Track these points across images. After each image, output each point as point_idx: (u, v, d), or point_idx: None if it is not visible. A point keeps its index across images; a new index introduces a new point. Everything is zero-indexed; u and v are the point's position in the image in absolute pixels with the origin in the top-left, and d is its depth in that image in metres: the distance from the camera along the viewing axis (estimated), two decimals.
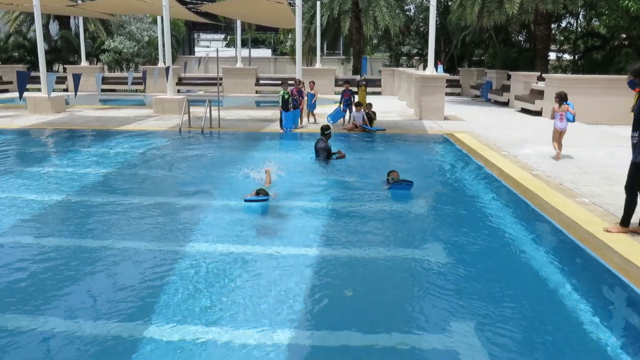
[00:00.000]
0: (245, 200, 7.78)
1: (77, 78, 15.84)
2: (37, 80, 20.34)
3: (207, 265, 5.81)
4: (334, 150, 11.42)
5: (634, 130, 5.92)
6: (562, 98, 10.87)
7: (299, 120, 15.84)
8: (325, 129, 11.80)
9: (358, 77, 20.97)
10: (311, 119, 16.81)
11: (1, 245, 6.48)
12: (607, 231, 6.05)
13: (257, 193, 7.83)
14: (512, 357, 4.16)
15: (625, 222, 6.09)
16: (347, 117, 16.45)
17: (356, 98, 16.77)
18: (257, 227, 7.21)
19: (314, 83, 17.10)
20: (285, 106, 14.84)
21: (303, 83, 16.49)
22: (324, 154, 11.15)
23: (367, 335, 4.41)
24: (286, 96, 14.80)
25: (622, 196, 6.40)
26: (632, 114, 5.97)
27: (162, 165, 11.02)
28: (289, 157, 11.63)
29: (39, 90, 20.04)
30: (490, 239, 6.80)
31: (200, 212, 7.69)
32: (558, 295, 5.17)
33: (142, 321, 4.58)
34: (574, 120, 10.93)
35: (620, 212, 6.41)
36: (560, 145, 10.80)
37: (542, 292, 5.28)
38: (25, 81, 13.76)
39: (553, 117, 10.95)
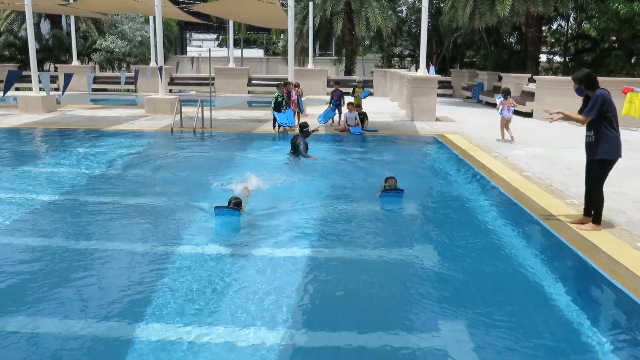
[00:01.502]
0: (216, 208, 7.21)
1: (68, 77, 15.78)
2: (27, 79, 20.21)
3: (195, 267, 5.82)
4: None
5: (588, 129, 6.36)
6: (506, 93, 13.74)
7: (295, 121, 15.80)
8: (304, 126, 12.19)
9: (356, 79, 21.01)
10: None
11: None
12: (580, 228, 6.32)
13: (230, 202, 7.22)
14: (502, 356, 4.20)
15: (598, 219, 6.36)
16: (336, 118, 16.50)
17: (349, 99, 16.77)
18: (245, 231, 7.19)
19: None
20: (277, 108, 14.82)
21: (294, 85, 16.43)
22: (305, 148, 11.38)
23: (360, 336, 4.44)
24: (279, 99, 14.78)
25: (611, 198, 6.50)
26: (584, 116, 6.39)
27: (153, 167, 10.97)
28: (279, 159, 11.67)
29: (29, 89, 19.95)
30: (480, 240, 6.84)
31: (188, 215, 7.65)
32: (547, 295, 5.21)
33: (135, 321, 4.58)
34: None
35: (608, 214, 6.52)
36: (509, 130, 13.32)
37: (531, 292, 5.32)
38: (14, 80, 13.69)
39: (498, 108, 13.41)
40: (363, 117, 15.79)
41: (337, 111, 16.38)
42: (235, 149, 13.09)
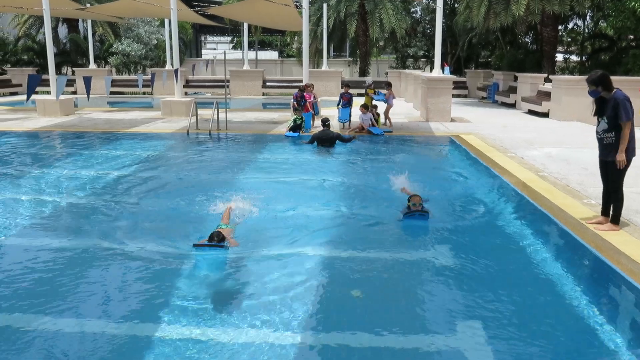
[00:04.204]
0: (194, 246, 6.21)
1: (87, 81, 15.96)
2: (46, 83, 20.50)
3: (213, 268, 5.87)
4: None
5: (609, 131, 6.18)
6: (389, 85, 17.14)
7: (311, 123, 15.88)
8: (325, 120, 13.62)
9: (366, 81, 21.05)
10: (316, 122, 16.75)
11: (11, 246, 6.58)
12: (598, 228, 6.23)
13: (211, 237, 6.16)
14: (519, 357, 4.19)
15: (617, 219, 6.30)
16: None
17: (360, 101, 16.82)
18: (257, 233, 7.23)
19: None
20: (294, 129, 14.83)
21: (308, 87, 16.50)
22: (334, 137, 13.05)
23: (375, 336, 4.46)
24: (298, 121, 14.85)
25: (630, 198, 6.45)
26: (597, 117, 6.38)
27: (171, 169, 11.10)
28: (295, 160, 11.72)
29: (48, 93, 20.23)
30: (496, 241, 6.83)
31: (206, 216, 7.71)
32: (565, 296, 5.20)
33: (151, 321, 4.65)
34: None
35: (626, 214, 6.46)
36: (389, 117, 16.48)
37: (549, 293, 5.30)
38: (36, 84, 13.89)
39: (388, 97, 16.31)
40: (377, 118, 15.79)
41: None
42: (251, 150, 13.16)
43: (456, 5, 30.88)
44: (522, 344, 4.32)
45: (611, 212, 6.36)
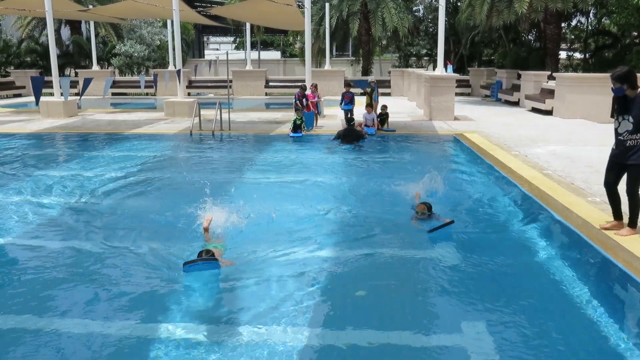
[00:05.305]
0: (185, 265, 5.63)
1: (87, 81, 16.01)
2: (49, 84, 20.52)
3: (217, 269, 5.87)
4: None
5: (634, 132, 5.79)
6: (374, 82, 16.74)
7: (314, 123, 15.88)
8: (350, 120, 14.78)
9: (368, 79, 21.07)
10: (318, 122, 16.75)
11: (15, 248, 6.59)
12: (617, 234, 6.03)
13: (200, 255, 5.73)
14: (523, 356, 4.17)
15: (634, 223, 6.05)
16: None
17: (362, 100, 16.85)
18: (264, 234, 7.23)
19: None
20: (295, 129, 14.83)
21: (312, 87, 16.54)
22: (359, 134, 13.82)
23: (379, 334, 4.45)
24: (298, 122, 14.86)
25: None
26: (616, 117, 5.97)
27: (174, 170, 11.11)
28: (298, 159, 11.71)
29: (51, 94, 20.27)
30: (500, 239, 6.81)
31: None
32: (569, 294, 5.18)
33: (151, 323, 4.65)
34: None
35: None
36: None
37: (553, 292, 5.29)
38: (41, 86, 13.95)
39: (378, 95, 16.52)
40: (385, 117, 15.81)
41: (349, 113, 16.37)
42: (254, 150, 13.16)
43: (459, 3, 30.84)
44: (525, 343, 4.31)
45: (628, 216, 6.09)
